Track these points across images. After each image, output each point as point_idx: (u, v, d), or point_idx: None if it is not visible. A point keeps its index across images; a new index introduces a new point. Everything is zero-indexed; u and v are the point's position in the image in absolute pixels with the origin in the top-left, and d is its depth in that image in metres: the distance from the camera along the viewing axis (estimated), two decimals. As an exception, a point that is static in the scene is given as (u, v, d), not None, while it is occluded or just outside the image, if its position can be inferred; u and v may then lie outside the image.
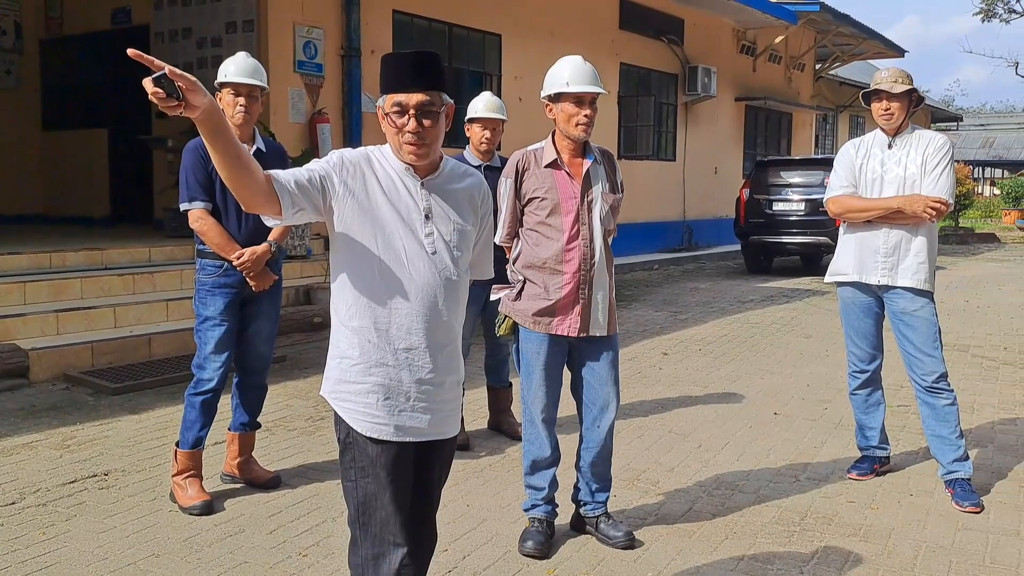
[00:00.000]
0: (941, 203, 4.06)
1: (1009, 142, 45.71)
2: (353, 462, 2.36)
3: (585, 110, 3.46)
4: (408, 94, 2.28)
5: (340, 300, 2.37)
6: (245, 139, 4.08)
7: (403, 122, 2.29)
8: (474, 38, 12.23)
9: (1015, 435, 5.16)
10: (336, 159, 2.32)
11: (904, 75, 4.20)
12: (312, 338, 7.83)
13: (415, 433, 2.38)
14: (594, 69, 3.52)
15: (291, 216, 2.23)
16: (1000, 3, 28.08)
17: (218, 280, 4.05)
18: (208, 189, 4.00)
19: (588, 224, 3.52)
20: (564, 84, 3.45)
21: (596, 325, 3.57)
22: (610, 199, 3.59)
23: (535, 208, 3.55)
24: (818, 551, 3.60)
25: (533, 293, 3.56)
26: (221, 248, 4.00)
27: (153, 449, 4.79)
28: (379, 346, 2.33)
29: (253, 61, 4.10)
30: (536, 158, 3.59)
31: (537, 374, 3.59)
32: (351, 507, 2.37)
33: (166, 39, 10.29)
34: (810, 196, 13.32)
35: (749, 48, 18.93)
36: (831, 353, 7.51)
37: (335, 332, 2.40)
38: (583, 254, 3.51)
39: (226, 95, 4.02)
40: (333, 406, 2.38)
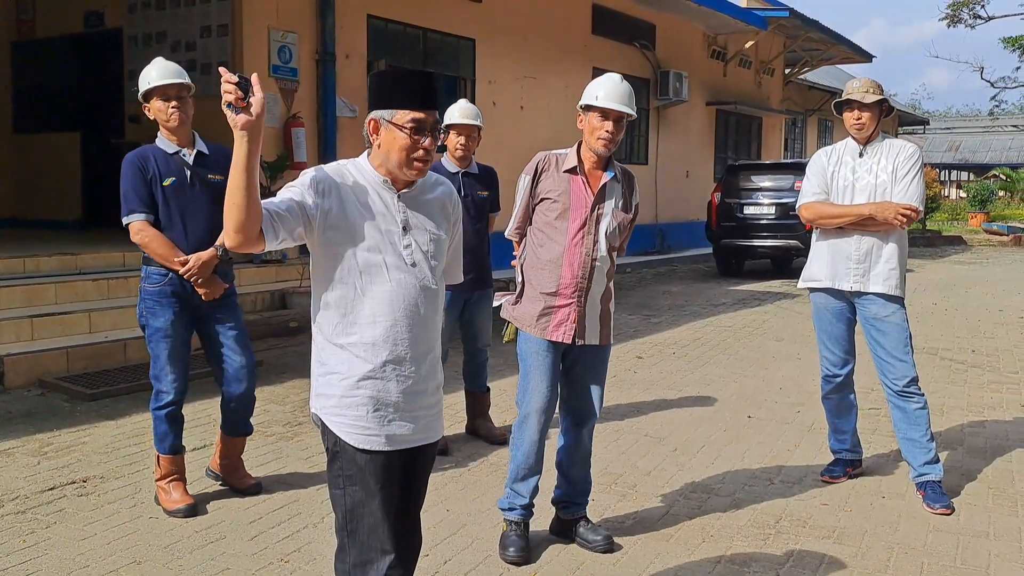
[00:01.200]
0: (911, 210, 4.15)
1: (975, 145, 46.45)
2: (341, 471, 2.39)
3: (608, 126, 3.50)
4: (426, 112, 2.34)
5: (325, 318, 2.40)
6: (184, 142, 4.06)
7: (419, 139, 2.34)
8: (448, 43, 12.26)
9: (984, 438, 5.27)
10: (309, 180, 2.34)
11: (875, 85, 4.29)
12: (289, 342, 7.82)
13: (404, 441, 2.43)
14: (630, 91, 3.56)
15: (274, 247, 2.26)
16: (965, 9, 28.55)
17: (164, 289, 4.02)
18: (148, 200, 3.96)
19: (593, 235, 3.57)
20: (595, 98, 3.51)
21: (591, 334, 3.62)
22: (620, 217, 3.64)
23: (546, 208, 3.61)
24: (793, 553, 3.67)
25: (531, 296, 3.62)
26: (165, 258, 3.96)
27: (131, 455, 4.78)
28: (367, 360, 2.37)
29: (173, 64, 4.07)
30: (557, 161, 3.64)
31: (534, 378, 3.62)
32: (338, 515, 2.41)
33: (140, 43, 10.23)
34: (780, 200, 13.50)
35: (720, 53, 19.11)
36: (803, 356, 7.62)
37: (321, 349, 2.42)
38: (583, 262, 3.56)
39: (155, 103, 3.98)
40: (325, 422, 2.41)
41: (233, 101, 2.12)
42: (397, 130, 2.33)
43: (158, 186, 3.98)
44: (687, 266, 16.15)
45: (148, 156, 4.01)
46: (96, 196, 11.35)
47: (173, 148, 4.05)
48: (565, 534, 3.77)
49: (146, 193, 3.96)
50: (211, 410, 5.50)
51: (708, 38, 18.60)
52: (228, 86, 2.12)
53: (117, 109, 10.57)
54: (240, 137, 2.14)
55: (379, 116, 2.36)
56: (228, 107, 2.13)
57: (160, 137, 4.07)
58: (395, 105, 2.34)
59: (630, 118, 3.54)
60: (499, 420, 5.33)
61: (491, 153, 9.46)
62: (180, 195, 4.02)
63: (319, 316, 2.41)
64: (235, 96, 2.12)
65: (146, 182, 3.96)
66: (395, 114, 2.33)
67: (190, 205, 4.03)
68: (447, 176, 4.89)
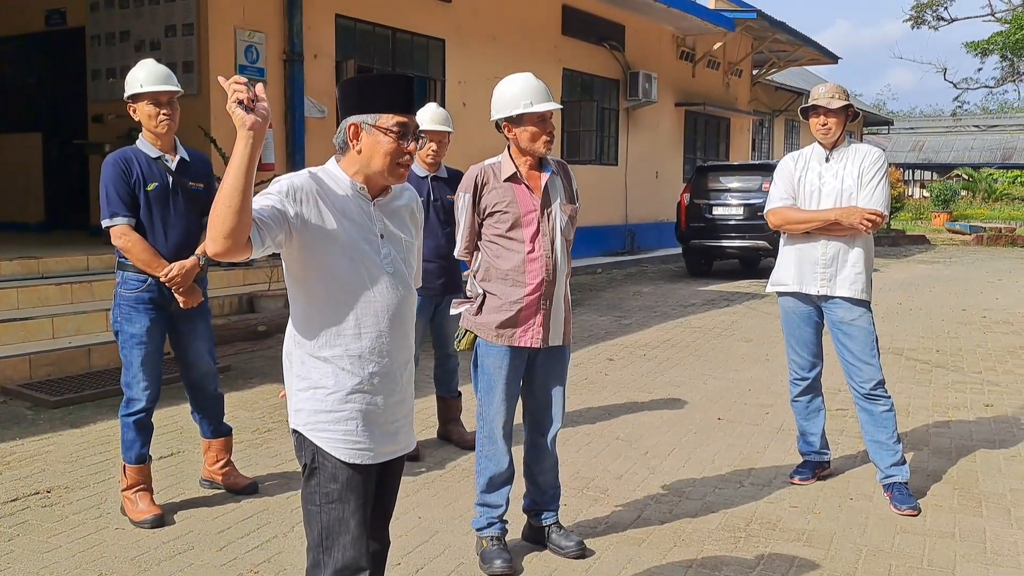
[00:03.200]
0: (877, 215, 4.20)
1: (938, 145, 47.12)
2: (318, 487, 2.35)
3: (549, 127, 3.52)
4: (409, 116, 2.33)
5: (307, 331, 2.35)
6: (167, 149, 4.02)
7: (405, 144, 2.32)
8: (417, 43, 12.21)
9: (949, 438, 5.34)
10: (286, 188, 2.27)
11: (841, 91, 4.33)
12: (256, 347, 7.75)
13: (389, 452, 2.43)
14: (545, 85, 3.57)
15: (259, 254, 2.19)
16: (929, 10, 28.94)
17: (141, 295, 3.97)
18: (131, 204, 3.91)
19: (549, 235, 3.57)
20: (524, 104, 3.47)
21: (556, 335, 3.63)
22: (568, 209, 3.65)
23: (496, 221, 3.58)
24: (763, 557, 3.69)
25: (495, 305, 3.58)
26: (147, 264, 3.92)
27: (96, 464, 4.70)
28: (354, 373, 2.34)
29: (163, 67, 4.03)
30: (495, 172, 3.61)
31: (499, 389, 3.60)
32: (314, 532, 2.37)
33: (102, 42, 10.08)
34: (748, 201, 13.61)
35: (688, 54, 19.22)
36: (771, 357, 7.68)
37: (302, 363, 2.37)
38: (545, 265, 3.55)
39: (145, 106, 3.93)
40: (309, 438, 2.36)
41: (245, 100, 2.07)
42: (381, 134, 2.30)
43: (141, 190, 3.93)
44: (657, 266, 16.23)
45: (132, 159, 3.95)
46: (58, 198, 11.19)
47: (156, 153, 4.00)
48: (537, 540, 3.77)
49: (129, 196, 3.91)
50: (178, 418, 5.44)
51: (677, 39, 18.70)
52: (239, 85, 2.08)
53: (79, 109, 10.41)
54: (246, 138, 2.07)
55: (360, 120, 2.31)
56: (238, 104, 2.06)
57: (142, 140, 4.02)
58: (378, 109, 2.30)
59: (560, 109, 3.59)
60: (471, 425, 5.30)
61: (461, 154, 9.44)
62: (162, 201, 3.98)
63: (299, 329, 2.37)
64: (247, 95, 2.07)
65: (129, 185, 3.91)
66: (379, 118, 2.30)
67: (171, 212, 4.00)
68: (416, 180, 4.89)
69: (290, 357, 2.41)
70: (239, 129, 2.07)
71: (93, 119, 10.16)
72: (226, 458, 4.36)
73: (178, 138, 4.12)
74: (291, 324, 2.40)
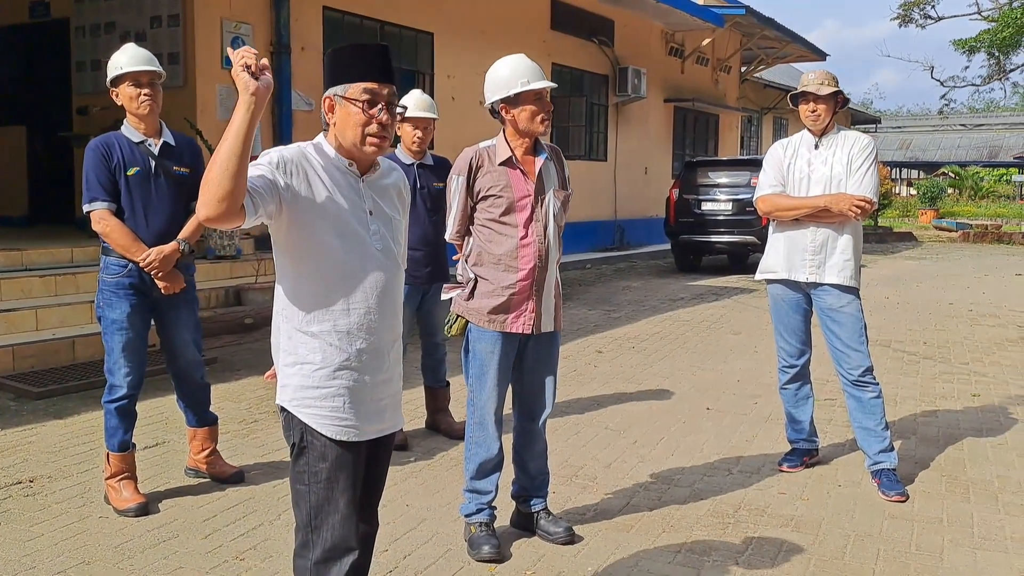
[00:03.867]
0: (866, 201, 4.19)
1: (925, 144, 47.34)
2: (307, 466, 2.32)
3: (548, 105, 3.50)
4: (379, 84, 2.28)
5: (294, 306, 2.32)
6: (151, 132, 3.99)
7: (374, 112, 2.27)
8: (406, 36, 12.17)
9: (936, 427, 5.35)
10: (276, 159, 2.24)
11: (830, 77, 4.32)
12: (243, 339, 7.70)
13: (375, 431, 2.40)
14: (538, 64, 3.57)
15: (251, 223, 2.16)
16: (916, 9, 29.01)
17: (122, 281, 3.94)
18: (111, 189, 3.88)
19: (543, 221, 3.54)
20: (522, 83, 3.45)
21: (547, 321, 3.60)
22: (561, 195, 3.62)
23: (489, 205, 3.55)
24: (752, 542, 3.68)
25: (486, 291, 3.55)
26: (126, 249, 3.89)
27: (80, 454, 4.65)
28: (341, 348, 2.31)
29: (144, 50, 3.99)
30: (489, 156, 3.58)
31: (491, 375, 3.57)
32: (303, 512, 2.34)
33: (87, 33, 9.99)
34: (737, 196, 13.63)
35: (677, 50, 19.23)
36: (759, 349, 7.68)
37: (289, 338, 2.34)
38: (538, 251, 3.52)
39: (126, 88, 3.89)
40: (295, 414, 2.33)
41: (253, 66, 2.07)
42: (350, 104, 2.27)
43: (122, 175, 3.90)
44: (646, 262, 16.23)
45: (113, 143, 3.92)
46: (43, 191, 11.09)
47: (139, 137, 3.97)
48: (526, 527, 3.75)
49: (109, 181, 3.88)
50: (163, 408, 5.40)
51: (666, 35, 18.70)
52: (249, 53, 2.08)
53: (64, 101, 10.31)
54: (248, 103, 2.05)
55: (333, 93, 2.30)
56: (244, 68, 2.07)
57: (126, 125, 3.99)
58: (348, 79, 2.28)
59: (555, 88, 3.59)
60: (459, 415, 5.28)
61: (451, 147, 9.41)
62: (144, 186, 3.94)
63: (287, 304, 2.33)
64: (255, 63, 2.08)
65: (110, 170, 3.88)
66: (348, 88, 2.27)
67: (153, 196, 3.97)
68: (402, 168, 4.84)
69: (278, 333, 2.38)
70: (242, 93, 2.06)
71: (78, 111, 10.07)
72: (212, 447, 4.32)
73: (164, 122, 4.08)
74: (278, 300, 2.37)
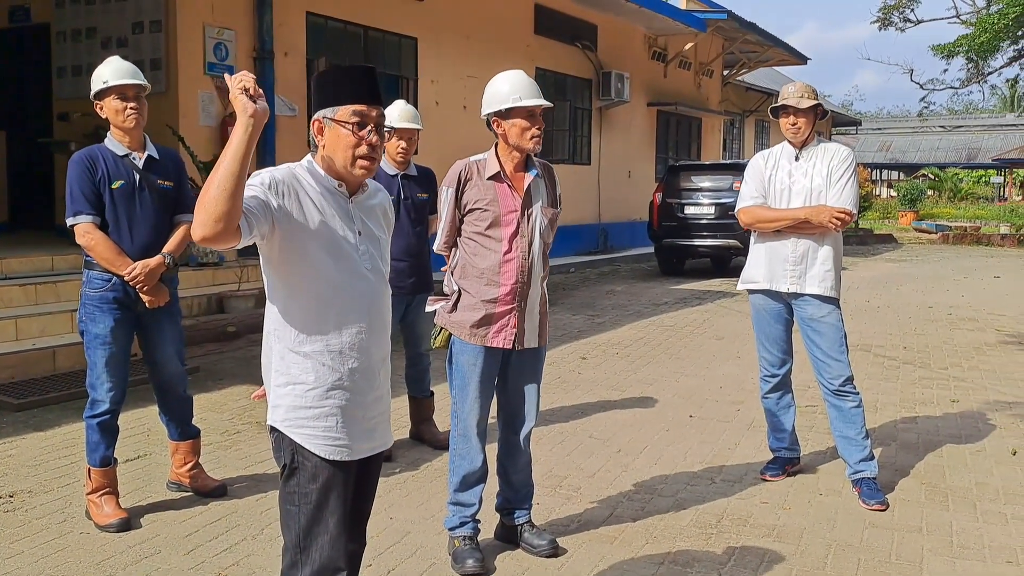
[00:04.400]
0: (846, 213, 4.23)
1: (905, 146, 47.73)
2: (298, 487, 2.33)
3: (538, 123, 3.50)
4: (370, 107, 2.31)
5: (287, 326, 2.33)
6: (136, 145, 3.98)
7: (365, 134, 2.30)
8: (390, 41, 12.16)
9: (916, 433, 5.40)
10: (268, 180, 2.25)
11: (810, 90, 4.36)
12: (225, 347, 7.67)
13: (367, 449, 2.42)
14: (534, 81, 3.56)
15: (245, 243, 2.17)
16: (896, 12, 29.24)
17: (106, 295, 3.92)
18: (95, 202, 3.87)
19: (528, 237, 3.55)
20: (514, 99, 3.46)
21: (531, 337, 3.60)
22: (549, 213, 3.62)
23: (475, 219, 3.56)
24: (734, 552, 3.70)
25: (469, 304, 3.56)
26: (111, 263, 3.87)
27: (61, 468, 4.63)
28: (334, 368, 2.33)
29: (129, 63, 3.98)
30: (479, 169, 3.59)
31: (473, 387, 3.58)
32: (291, 532, 2.35)
33: (68, 39, 9.93)
34: (720, 200, 13.70)
35: (660, 54, 19.30)
36: (742, 355, 7.73)
37: (282, 358, 2.35)
38: (520, 266, 3.53)
39: (111, 102, 3.88)
40: (287, 434, 2.34)
41: (251, 89, 2.12)
42: (340, 127, 2.29)
43: (106, 188, 3.88)
44: (629, 265, 16.28)
45: (97, 156, 3.91)
46: (23, 197, 10.99)
47: (123, 150, 3.96)
48: (510, 539, 3.75)
49: (93, 194, 3.86)
50: (145, 420, 5.37)
51: (649, 39, 18.77)
52: (248, 77, 2.14)
53: (45, 107, 10.25)
54: (247, 124, 2.09)
55: (322, 115, 2.32)
56: (243, 92, 2.11)
57: (110, 138, 3.97)
58: (337, 101, 2.30)
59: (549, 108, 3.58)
60: (443, 424, 5.29)
61: (435, 153, 9.42)
62: (128, 199, 3.93)
63: (279, 324, 2.34)
64: (254, 86, 2.13)
65: (94, 183, 3.86)
66: (337, 111, 2.30)
67: (138, 210, 3.95)
68: (385, 178, 4.86)
69: (269, 353, 2.39)
70: (241, 115, 2.10)
71: (58, 117, 10.01)
72: (194, 460, 4.30)
73: (148, 135, 4.07)
74: (270, 320, 2.38)
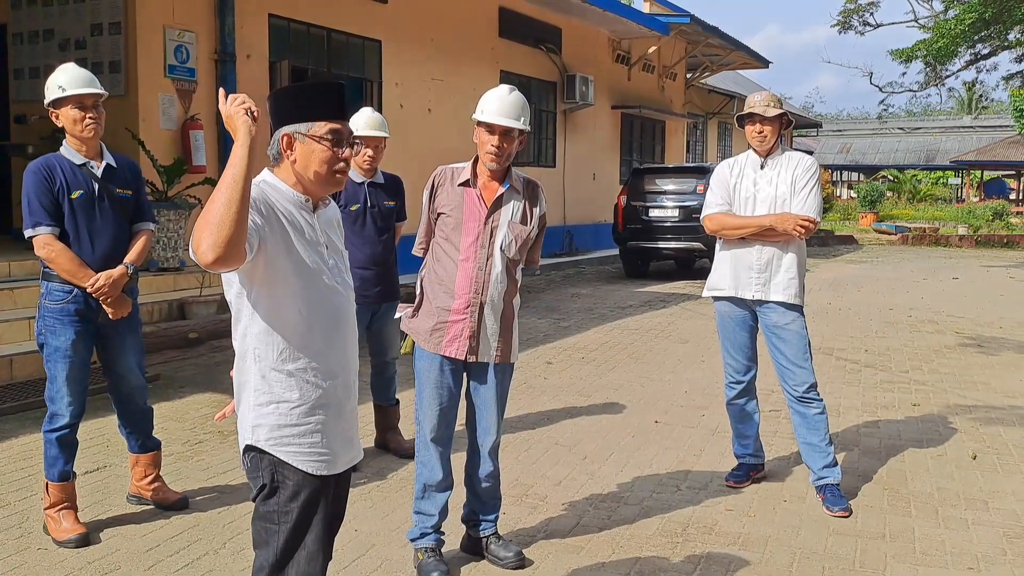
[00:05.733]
0: (810, 221, 4.27)
1: (865, 147, 48.41)
2: (278, 506, 2.31)
3: (494, 140, 3.43)
4: (343, 123, 2.33)
5: (268, 345, 2.30)
6: (93, 154, 3.91)
7: (341, 151, 2.32)
8: (353, 44, 12.07)
9: (878, 438, 5.46)
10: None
11: (776, 99, 4.40)
12: (187, 354, 7.57)
13: (347, 460, 2.44)
14: (521, 102, 3.46)
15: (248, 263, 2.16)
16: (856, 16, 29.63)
17: (67, 307, 3.84)
18: (54, 213, 3.79)
19: (487, 249, 3.51)
20: (481, 112, 3.44)
21: (485, 351, 3.56)
22: (517, 229, 3.55)
23: (442, 224, 3.56)
24: (700, 561, 3.72)
25: (427, 310, 3.56)
26: (72, 275, 3.80)
27: (18, 481, 4.53)
28: (318, 384, 2.33)
29: (85, 70, 3.90)
30: (453, 175, 3.57)
31: (428, 393, 3.57)
32: (269, 552, 2.32)
33: (25, 40, 9.74)
34: (684, 203, 13.80)
35: (624, 58, 19.39)
36: (707, 359, 7.77)
37: (263, 377, 2.31)
38: (474, 277, 3.49)
39: (68, 111, 3.80)
40: (271, 452, 2.31)
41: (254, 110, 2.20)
42: (315, 143, 2.30)
43: (65, 198, 3.80)
44: (594, 267, 16.33)
45: (55, 166, 3.83)
46: (-22, 202, 10.76)
47: (81, 159, 3.88)
48: (476, 551, 3.74)
49: (52, 205, 3.78)
50: (104, 431, 5.27)
51: (613, 43, 18.84)
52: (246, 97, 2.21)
53: (1, 110, 10.04)
54: (247, 144, 2.13)
55: (293, 130, 2.31)
56: (248, 113, 2.19)
57: (66, 146, 3.89)
58: (310, 117, 2.30)
59: (520, 132, 3.47)
60: (408, 433, 5.26)
61: (399, 157, 9.37)
62: (88, 209, 3.86)
63: (258, 343, 2.30)
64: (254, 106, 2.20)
65: (53, 193, 3.78)
66: (312, 126, 2.29)
67: (97, 219, 3.88)
68: (353, 187, 4.83)
69: (246, 374, 2.34)
70: (244, 136, 2.15)
71: (15, 120, 9.81)
72: (155, 473, 4.23)
73: (104, 143, 3.99)
74: (245, 339, 2.33)
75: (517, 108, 3.45)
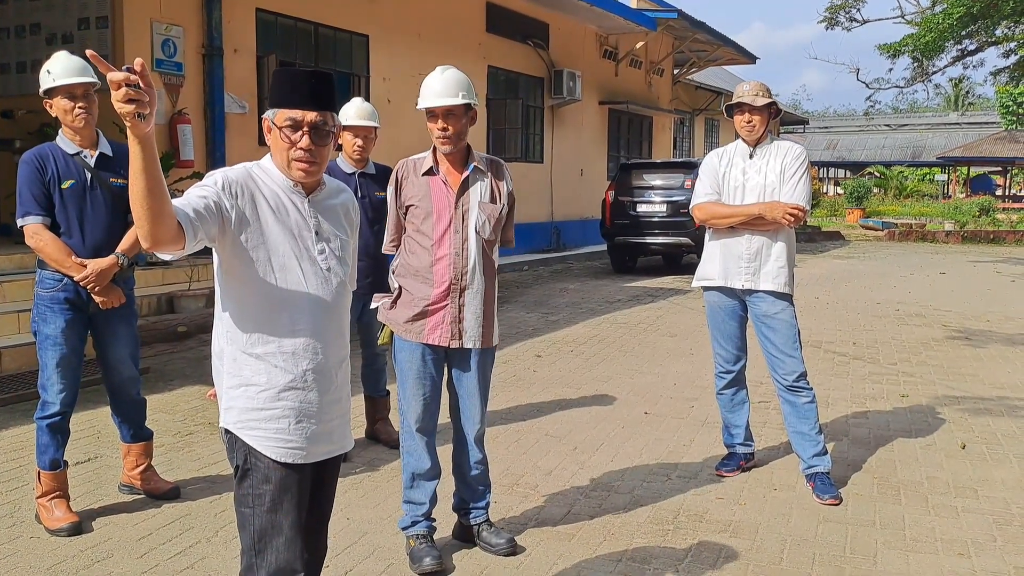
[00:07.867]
0: (799, 209, 4.30)
1: (851, 144, 48.64)
2: (251, 489, 2.31)
3: (439, 124, 3.42)
4: (303, 111, 2.27)
5: (238, 327, 2.30)
6: (87, 143, 3.90)
7: (296, 137, 2.28)
8: (341, 38, 12.06)
9: (867, 428, 5.50)
10: (220, 181, 2.25)
11: (764, 89, 4.42)
12: (177, 348, 7.55)
13: (322, 452, 2.39)
14: (457, 78, 3.44)
15: (191, 248, 2.14)
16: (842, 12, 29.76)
17: (57, 295, 3.85)
18: (44, 203, 3.79)
19: (461, 233, 3.51)
20: (422, 99, 3.45)
21: (469, 336, 3.56)
22: (488, 209, 3.56)
23: (412, 217, 3.55)
24: (691, 548, 3.74)
25: (406, 301, 3.56)
26: (60, 264, 3.80)
27: (9, 471, 4.51)
28: (287, 370, 2.31)
29: (77, 59, 3.89)
30: (415, 166, 3.57)
31: (411, 383, 3.58)
32: (247, 536, 2.32)
33: (12, 35, 9.69)
34: (671, 198, 13.82)
35: (611, 53, 19.42)
36: (695, 351, 7.81)
37: (233, 360, 2.32)
38: (453, 263, 3.50)
39: (60, 101, 3.80)
40: (239, 436, 2.31)
41: (144, 110, 1.92)
42: (277, 130, 2.30)
43: (56, 188, 3.80)
44: (582, 263, 16.35)
45: (47, 156, 3.82)
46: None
47: (74, 149, 3.87)
48: (468, 539, 3.75)
49: (43, 195, 3.78)
50: (96, 422, 5.26)
51: (600, 38, 18.87)
52: (130, 90, 1.90)
53: (-14, 104, 9.98)
54: (143, 141, 1.95)
55: (267, 117, 2.33)
56: (137, 116, 1.91)
57: (61, 136, 3.89)
58: (277, 104, 2.31)
59: (467, 109, 3.44)
60: (398, 424, 5.26)
61: (387, 151, 9.35)
62: (79, 199, 3.85)
63: (231, 326, 2.31)
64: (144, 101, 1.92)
65: (44, 183, 3.78)
66: (276, 114, 2.30)
67: (89, 209, 3.88)
68: (343, 177, 4.82)
69: (221, 355, 2.36)
70: (135, 133, 1.95)
71: (3, 114, 9.73)
72: (146, 463, 4.23)
73: (102, 133, 3.98)
74: (221, 321, 2.34)
75: (453, 85, 3.43)
